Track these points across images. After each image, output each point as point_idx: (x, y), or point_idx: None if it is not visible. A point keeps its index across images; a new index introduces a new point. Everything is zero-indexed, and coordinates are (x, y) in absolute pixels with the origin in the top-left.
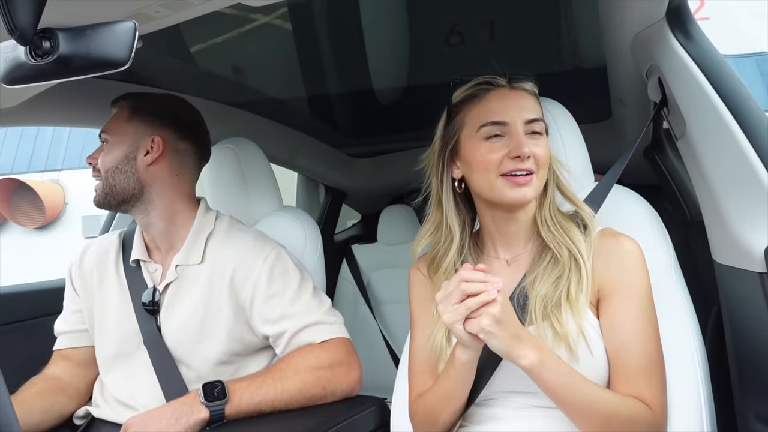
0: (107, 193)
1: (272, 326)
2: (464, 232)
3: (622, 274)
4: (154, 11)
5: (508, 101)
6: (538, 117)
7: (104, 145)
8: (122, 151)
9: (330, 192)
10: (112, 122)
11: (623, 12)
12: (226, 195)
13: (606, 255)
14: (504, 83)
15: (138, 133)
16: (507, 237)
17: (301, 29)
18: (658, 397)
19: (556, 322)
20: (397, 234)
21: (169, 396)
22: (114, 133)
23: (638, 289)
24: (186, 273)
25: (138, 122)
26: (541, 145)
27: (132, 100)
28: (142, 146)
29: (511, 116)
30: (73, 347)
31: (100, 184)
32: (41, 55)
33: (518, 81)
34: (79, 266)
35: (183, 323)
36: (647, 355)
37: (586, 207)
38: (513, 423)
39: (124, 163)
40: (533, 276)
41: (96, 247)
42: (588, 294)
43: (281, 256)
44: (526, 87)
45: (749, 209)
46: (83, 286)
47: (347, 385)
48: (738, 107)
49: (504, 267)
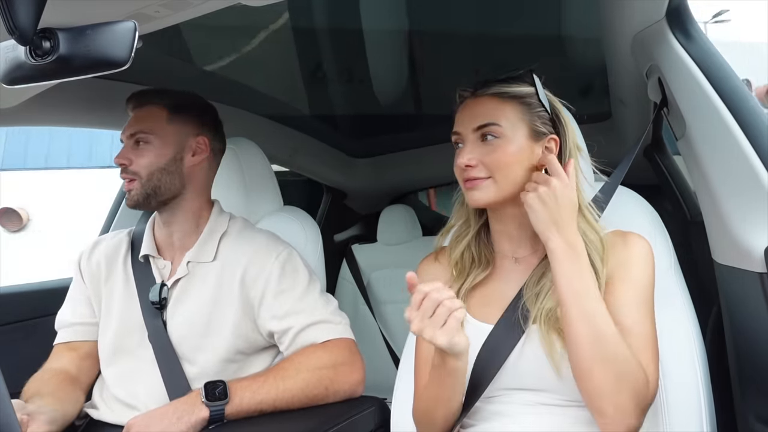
0: (149, 195)
1: (279, 322)
2: (475, 226)
3: (626, 264)
4: (154, 11)
5: (466, 111)
6: (487, 122)
7: (143, 145)
8: (170, 151)
9: (330, 192)
10: (151, 122)
11: (623, 12)
12: (226, 195)
13: (612, 248)
14: (468, 95)
15: (182, 133)
16: (510, 236)
17: (301, 29)
18: (653, 374)
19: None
20: (397, 234)
21: (171, 392)
22: (157, 133)
23: (640, 280)
24: (196, 270)
25: (180, 122)
26: (491, 151)
27: (168, 98)
28: (187, 147)
29: (462, 126)
30: (81, 340)
31: (139, 184)
32: (41, 55)
33: (484, 87)
34: (88, 259)
35: (189, 319)
36: (645, 335)
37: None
38: (518, 420)
39: (171, 164)
40: (538, 287)
41: (106, 244)
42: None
43: (292, 256)
44: (489, 92)
45: (749, 209)
46: (91, 279)
47: (350, 385)
48: (738, 107)
49: (513, 266)
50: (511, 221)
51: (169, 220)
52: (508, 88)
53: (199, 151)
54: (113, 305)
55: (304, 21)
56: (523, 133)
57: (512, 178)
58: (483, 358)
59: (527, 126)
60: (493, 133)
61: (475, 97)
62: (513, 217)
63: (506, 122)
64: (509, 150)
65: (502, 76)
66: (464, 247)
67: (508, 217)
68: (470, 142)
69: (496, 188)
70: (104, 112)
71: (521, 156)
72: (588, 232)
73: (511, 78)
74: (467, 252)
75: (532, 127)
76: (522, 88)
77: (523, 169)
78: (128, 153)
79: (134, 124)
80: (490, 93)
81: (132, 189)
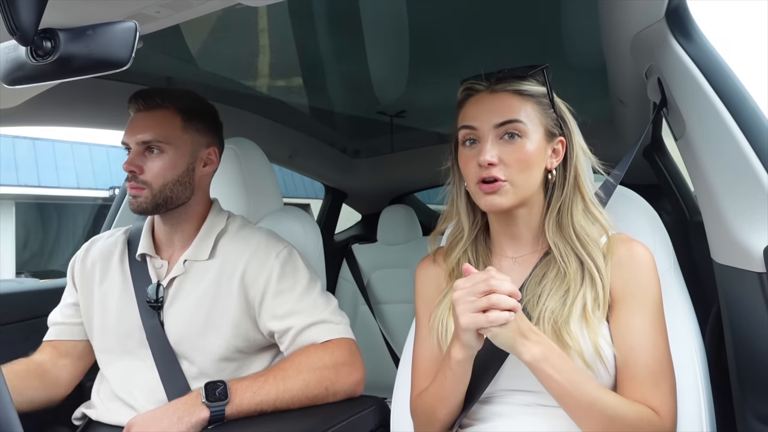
0: (159, 204)
1: (279, 322)
2: (473, 229)
3: (634, 281)
4: (155, 11)
5: (482, 105)
6: (511, 119)
7: (157, 153)
8: (185, 163)
9: (330, 192)
10: (165, 129)
11: (623, 12)
12: (226, 195)
13: (618, 260)
14: (483, 88)
15: (195, 143)
16: (512, 237)
17: (301, 29)
18: (667, 404)
19: (568, 337)
20: (397, 234)
21: (170, 392)
22: (173, 143)
23: (649, 297)
24: (193, 268)
25: (193, 130)
26: (514, 150)
27: (178, 101)
28: (200, 158)
29: (480, 121)
30: (63, 339)
31: (150, 193)
32: (42, 56)
33: (501, 82)
34: (81, 261)
35: (186, 318)
36: (656, 363)
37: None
38: (516, 421)
39: (184, 174)
40: (540, 288)
41: (101, 244)
42: (605, 309)
43: (293, 255)
44: (509, 88)
45: (748, 209)
46: (82, 282)
47: (350, 385)
48: (737, 107)
49: (511, 265)
50: (518, 222)
51: (172, 223)
52: (527, 86)
53: (209, 162)
54: (110, 305)
55: (304, 21)
56: (540, 133)
57: (532, 180)
58: (482, 359)
59: (543, 126)
60: (518, 131)
61: (492, 92)
62: (519, 217)
63: (528, 121)
64: (531, 150)
65: (518, 72)
66: (460, 253)
67: (515, 218)
68: (490, 139)
69: (515, 191)
70: (104, 112)
71: (541, 157)
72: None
73: (524, 75)
74: (464, 258)
75: (547, 127)
76: (537, 87)
77: (540, 171)
78: (138, 160)
79: (146, 129)
80: (510, 89)
81: (140, 196)
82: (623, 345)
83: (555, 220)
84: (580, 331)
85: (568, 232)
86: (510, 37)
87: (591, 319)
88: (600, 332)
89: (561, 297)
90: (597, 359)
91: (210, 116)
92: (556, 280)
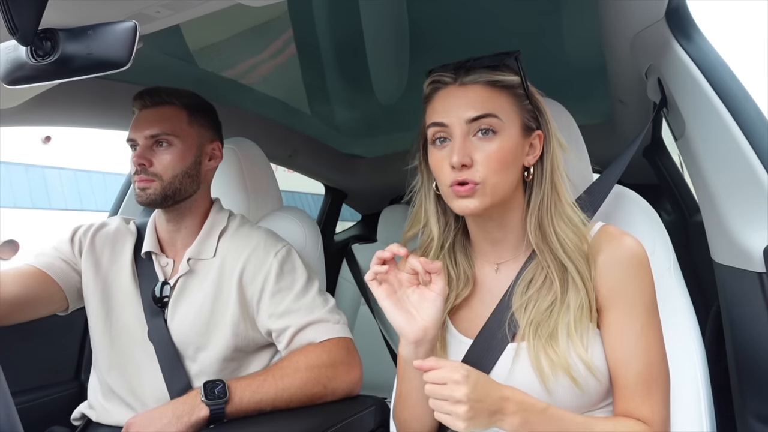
0: (168, 196)
1: (276, 321)
2: (446, 233)
3: (622, 283)
4: (155, 12)
5: (451, 99)
6: (484, 113)
7: (165, 147)
8: (192, 155)
9: (330, 192)
10: (172, 123)
11: (622, 12)
12: (226, 195)
13: (604, 261)
14: (451, 80)
15: (201, 137)
16: (493, 241)
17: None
18: (659, 413)
19: (553, 353)
20: (397, 234)
21: (172, 390)
22: (180, 135)
23: (639, 297)
24: (197, 267)
25: (198, 125)
26: (489, 148)
27: (183, 98)
28: (205, 152)
29: (450, 117)
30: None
31: (159, 185)
32: (42, 56)
33: (471, 73)
34: (91, 237)
35: (191, 317)
36: (648, 371)
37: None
38: None
39: (192, 167)
40: (526, 297)
41: (109, 230)
42: (593, 316)
43: (291, 254)
44: (480, 80)
45: (748, 209)
46: (88, 256)
47: (348, 384)
48: (737, 107)
49: (494, 273)
50: (497, 225)
51: (176, 219)
52: (500, 76)
53: (214, 156)
54: (114, 300)
55: (303, 21)
56: (517, 128)
57: (509, 180)
58: None
59: (519, 120)
60: (493, 127)
61: (462, 84)
62: (498, 220)
63: (503, 115)
64: (508, 147)
65: (489, 61)
66: (433, 258)
67: (494, 220)
68: (461, 137)
69: (491, 193)
70: (105, 112)
71: (519, 154)
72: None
73: (497, 65)
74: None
75: (524, 121)
76: (511, 76)
77: (518, 169)
78: (147, 153)
79: (154, 124)
80: (481, 81)
81: (149, 188)
82: (613, 356)
83: (536, 220)
84: (566, 345)
85: (549, 234)
86: (510, 38)
87: (579, 330)
88: (589, 344)
89: (547, 307)
90: (587, 374)
91: (211, 114)
92: (543, 288)
